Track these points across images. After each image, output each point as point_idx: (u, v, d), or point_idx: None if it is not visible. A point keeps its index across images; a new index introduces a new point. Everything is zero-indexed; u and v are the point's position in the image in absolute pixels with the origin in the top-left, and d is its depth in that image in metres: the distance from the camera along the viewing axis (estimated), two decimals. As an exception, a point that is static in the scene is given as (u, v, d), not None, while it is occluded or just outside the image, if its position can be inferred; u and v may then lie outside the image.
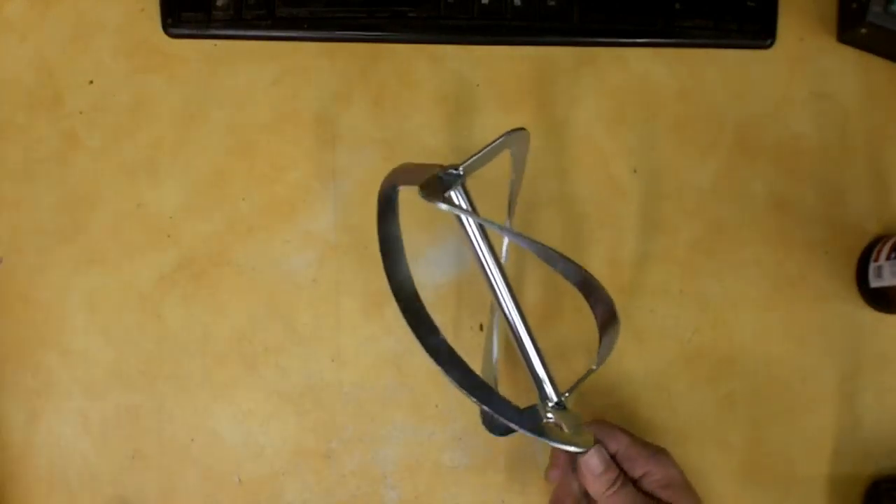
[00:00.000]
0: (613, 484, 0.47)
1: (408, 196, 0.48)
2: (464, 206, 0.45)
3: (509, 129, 0.56)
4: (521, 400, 0.47)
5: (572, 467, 0.49)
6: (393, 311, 0.55)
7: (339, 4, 0.56)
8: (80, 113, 0.56)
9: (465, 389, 0.46)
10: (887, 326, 0.56)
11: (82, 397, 0.55)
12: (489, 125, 0.56)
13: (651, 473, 0.48)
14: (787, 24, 0.57)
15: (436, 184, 0.44)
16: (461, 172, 0.44)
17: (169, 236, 0.55)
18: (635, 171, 0.57)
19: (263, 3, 0.56)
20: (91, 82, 0.56)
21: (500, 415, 0.46)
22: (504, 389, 0.52)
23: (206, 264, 0.55)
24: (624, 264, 0.56)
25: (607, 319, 0.48)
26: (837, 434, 0.56)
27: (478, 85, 0.57)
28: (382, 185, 0.48)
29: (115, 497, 0.54)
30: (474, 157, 0.45)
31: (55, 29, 0.56)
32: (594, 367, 0.48)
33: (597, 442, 0.48)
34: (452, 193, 0.44)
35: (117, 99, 0.56)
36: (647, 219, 0.56)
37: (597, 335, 0.49)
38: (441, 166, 0.45)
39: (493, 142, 0.45)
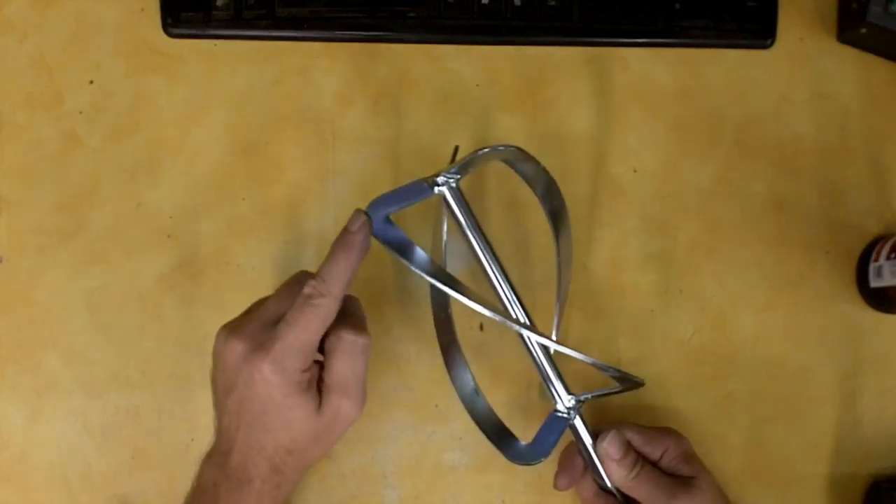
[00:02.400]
0: (634, 467, 0.48)
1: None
2: (450, 192, 0.47)
3: (507, 130, 0.57)
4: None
5: (587, 465, 0.49)
6: (393, 310, 0.55)
7: (339, 4, 0.56)
8: (80, 113, 0.56)
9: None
10: (887, 326, 0.56)
11: (82, 397, 0.55)
12: (489, 125, 0.56)
13: (670, 450, 0.49)
14: (787, 24, 0.57)
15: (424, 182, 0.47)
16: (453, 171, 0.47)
17: (169, 236, 0.55)
18: (635, 171, 0.57)
19: (263, 3, 0.56)
20: (91, 82, 0.56)
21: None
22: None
23: (206, 264, 0.55)
24: (624, 264, 0.56)
25: (557, 211, 0.51)
26: (837, 434, 0.56)
27: (478, 85, 0.57)
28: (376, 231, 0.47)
29: (115, 497, 0.54)
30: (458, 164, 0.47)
31: (55, 29, 0.56)
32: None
33: (612, 430, 0.48)
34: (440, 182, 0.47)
35: (117, 99, 0.56)
36: (647, 219, 0.56)
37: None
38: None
39: (478, 152, 0.47)
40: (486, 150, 0.47)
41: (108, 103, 0.56)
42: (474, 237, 0.48)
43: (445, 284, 0.45)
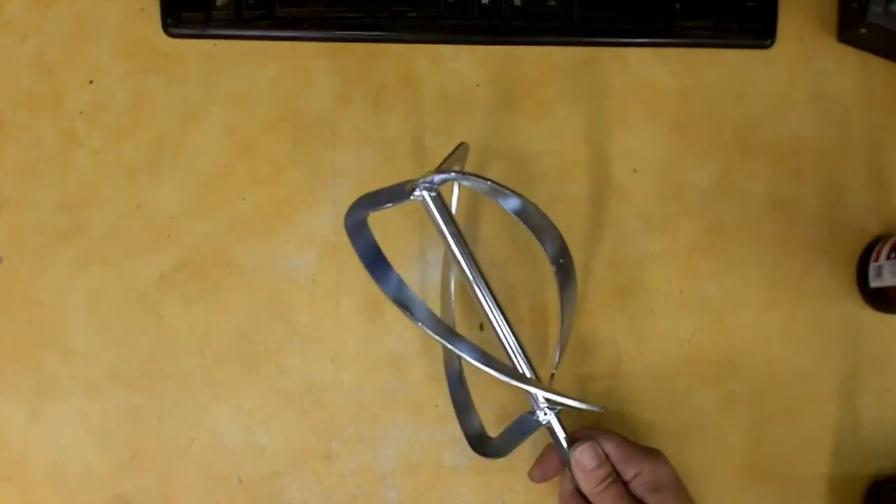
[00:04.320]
0: (604, 480, 0.47)
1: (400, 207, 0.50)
2: (430, 198, 0.47)
3: (507, 130, 0.57)
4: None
5: (566, 465, 0.49)
6: (393, 311, 0.55)
7: (339, 4, 0.56)
8: (80, 113, 0.56)
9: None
10: (887, 326, 0.56)
11: (82, 397, 0.55)
12: (489, 125, 0.56)
13: (642, 475, 0.48)
14: (787, 24, 0.57)
15: (405, 187, 0.48)
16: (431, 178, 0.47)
17: (169, 236, 0.55)
18: (635, 171, 0.57)
19: (263, 3, 0.56)
20: (91, 82, 0.56)
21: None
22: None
23: (206, 264, 0.55)
24: (624, 264, 0.56)
25: (558, 254, 0.50)
26: (837, 434, 0.56)
27: (478, 85, 0.57)
28: (351, 232, 0.48)
29: (115, 497, 0.54)
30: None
31: (55, 29, 0.56)
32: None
33: (590, 439, 0.48)
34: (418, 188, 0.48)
35: (117, 99, 0.56)
36: (647, 219, 0.56)
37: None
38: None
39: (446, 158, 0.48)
40: (454, 174, 0.47)
41: (108, 103, 0.56)
42: (454, 243, 0.48)
43: (401, 305, 0.45)
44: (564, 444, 0.49)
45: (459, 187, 0.53)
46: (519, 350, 0.49)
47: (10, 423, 0.55)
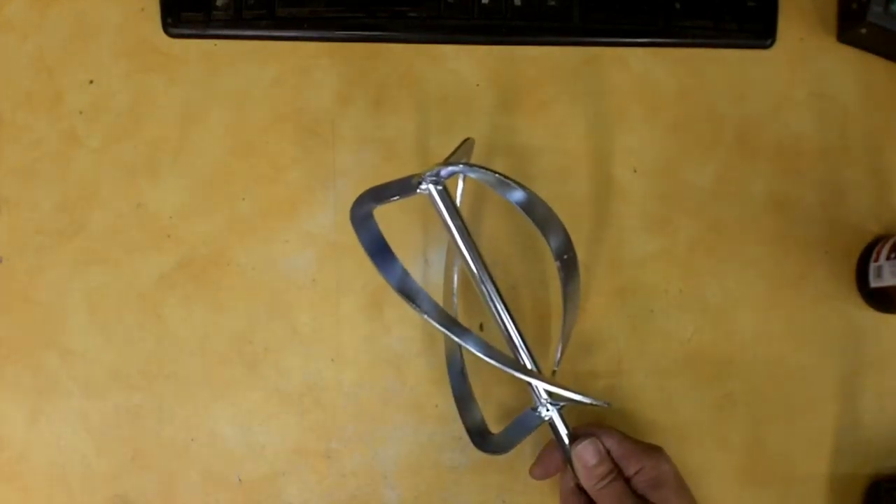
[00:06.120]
0: (605, 477, 0.47)
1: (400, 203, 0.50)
2: (436, 192, 0.48)
3: (507, 130, 0.57)
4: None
5: (567, 462, 0.49)
6: (393, 311, 0.55)
7: (339, 4, 0.56)
8: (80, 113, 0.56)
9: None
10: (887, 326, 0.56)
11: (82, 397, 0.55)
12: (489, 125, 0.56)
13: (643, 471, 0.48)
14: (787, 24, 0.57)
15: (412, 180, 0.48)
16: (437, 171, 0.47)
17: (169, 236, 0.55)
18: (635, 171, 0.57)
19: (263, 3, 0.56)
20: (91, 82, 0.56)
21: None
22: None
23: (206, 264, 0.55)
24: (624, 264, 0.56)
25: (563, 249, 0.51)
26: (837, 434, 0.56)
27: (478, 85, 0.57)
28: (358, 229, 0.47)
29: (115, 497, 0.54)
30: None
31: (55, 29, 0.56)
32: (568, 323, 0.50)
33: (592, 436, 0.48)
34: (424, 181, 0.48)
35: (117, 99, 0.56)
36: (647, 219, 0.56)
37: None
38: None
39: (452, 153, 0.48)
40: (461, 166, 0.47)
41: (108, 103, 0.56)
42: (460, 237, 0.48)
43: (406, 296, 0.45)
44: (566, 441, 0.49)
45: (465, 182, 0.53)
46: (522, 345, 0.49)
47: (10, 423, 0.55)
